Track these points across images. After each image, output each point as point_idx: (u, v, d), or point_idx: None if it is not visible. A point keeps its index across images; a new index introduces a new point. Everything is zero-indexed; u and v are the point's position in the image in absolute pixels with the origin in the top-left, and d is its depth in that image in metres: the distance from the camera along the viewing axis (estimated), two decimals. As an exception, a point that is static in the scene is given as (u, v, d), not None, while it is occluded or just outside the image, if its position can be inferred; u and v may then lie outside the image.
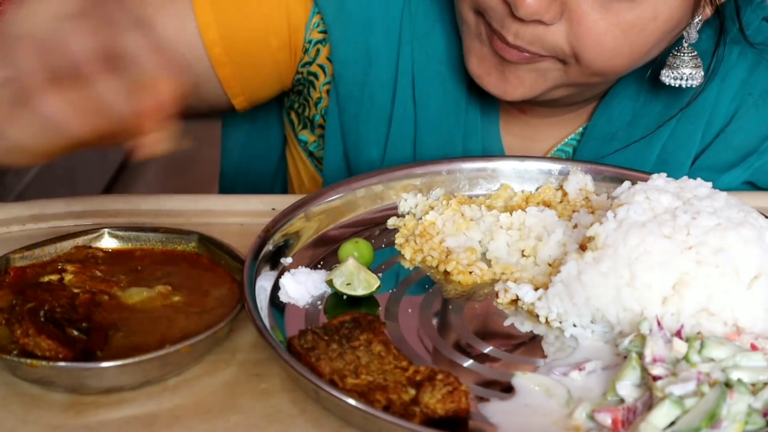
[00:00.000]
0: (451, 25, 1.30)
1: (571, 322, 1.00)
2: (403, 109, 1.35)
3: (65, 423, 0.89)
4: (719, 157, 1.36)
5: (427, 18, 1.31)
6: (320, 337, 0.93)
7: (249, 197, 1.25)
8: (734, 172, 1.36)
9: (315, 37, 1.32)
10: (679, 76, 1.25)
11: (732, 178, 1.36)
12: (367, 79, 1.33)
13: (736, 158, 1.36)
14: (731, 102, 1.34)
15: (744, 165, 1.36)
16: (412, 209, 1.20)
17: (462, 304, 1.05)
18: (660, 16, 1.14)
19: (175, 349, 0.90)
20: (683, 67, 1.24)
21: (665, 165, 1.35)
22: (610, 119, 1.35)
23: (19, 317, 0.91)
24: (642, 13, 1.13)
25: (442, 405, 0.86)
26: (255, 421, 0.89)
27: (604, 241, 0.98)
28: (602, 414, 0.87)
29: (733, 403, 0.84)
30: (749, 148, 1.35)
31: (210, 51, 1.26)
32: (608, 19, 1.12)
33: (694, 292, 0.95)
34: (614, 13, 1.12)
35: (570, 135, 1.38)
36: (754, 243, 0.97)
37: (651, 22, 1.14)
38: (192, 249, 1.07)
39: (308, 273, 1.06)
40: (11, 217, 1.20)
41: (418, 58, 1.32)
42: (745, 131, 1.35)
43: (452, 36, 1.31)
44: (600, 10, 1.12)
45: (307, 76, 1.36)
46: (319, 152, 1.44)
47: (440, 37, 1.31)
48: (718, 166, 1.36)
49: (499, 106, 1.37)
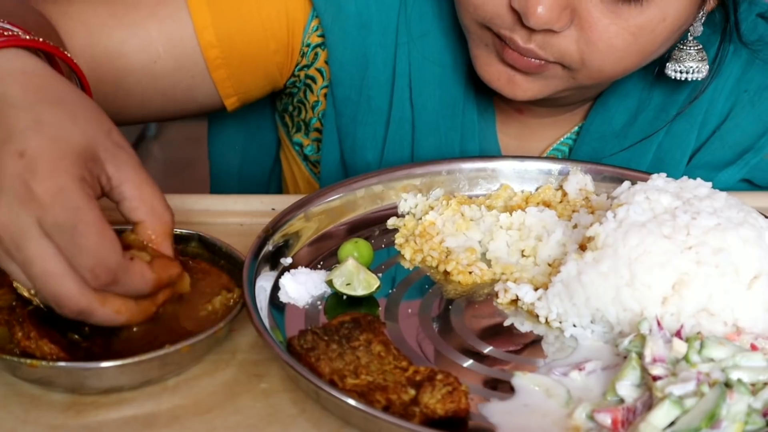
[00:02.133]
0: (448, 28, 1.30)
1: (571, 322, 1.00)
2: (401, 112, 1.35)
3: (65, 423, 0.89)
4: (715, 154, 1.36)
5: (423, 20, 1.31)
6: (320, 338, 0.93)
7: (249, 197, 1.25)
8: (731, 169, 1.36)
9: (314, 41, 1.32)
10: (685, 69, 1.25)
11: (729, 176, 1.36)
12: (364, 82, 1.33)
13: (732, 156, 1.36)
14: (726, 99, 1.34)
15: (740, 162, 1.36)
16: (412, 209, 1.20)
17: (462, 304, 1.05)
18: (669, 17, 1.14)
19: (175, 349, 0.90)
20: (689, 60, 1.24)
21: (661, 163, 1.35)
22: (606, 118, 1.35)
23: (19, 319, 0.91)
24: (651, 15, 1.13)
25: (442, 405, 0.86)
26: (255, 421, 0.89)
27: (604, 241, 0.98)
28: (602, 414, 0.87)
29: (733, 403, 0.84)
30: (745, 146, 1.35)
31: (206, 53, 1.26)
32: (618, 23, 1.12)
33: (693, 292, 0.95)
34: (624, 18, 1.12)
35: (565, 134, 1.38)
36: (754, 243, 0.97)
37: (660, 23, 1.14)
38: (191, 249, 1.07)
39: (308, 273, 1.06)
40: (11, 218, 1.19)
41: (415, 60, 1.32)
42: (741, 128, 1.35)
43: (449, 38, 1.31)
44: (610, 15, 1.12)
45: (304, 79, 1.36)
46: (315, 156, 1.44)
47: (437, 39, 1.31)
48: (714, 164, 1.36)
49: (495, 106, 1.37)
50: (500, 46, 1.17)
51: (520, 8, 1.11)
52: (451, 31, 1.30)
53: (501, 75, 1.19)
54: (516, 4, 1.11)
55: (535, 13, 1.09)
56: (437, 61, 1.32)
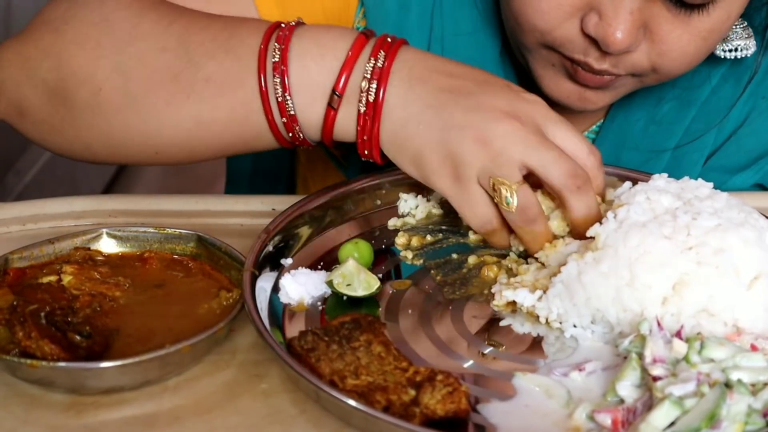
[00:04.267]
0: (482, 32, 1.29)
1: (571, 323, 1.00)
2: None
3: (65, 423, 0.89)
4: (731, 158, 1.36)
5: (456, 22, 1.30)
6: (320, 338, 0.93)
7: (249, 197, 1.25)
8: (745, 174, 1.36)
9: (362, 24, 1.31)
10: (734, 47, 1.24)
11: (743, 180, 1.36)
12: None
13: (747, 160, 1.36)
14: (744, 104, 1.33)
15: (755, 167, 1.36)
16: (412, 209, 1.20)
17: (462, 304, 1.05)
18: (733, 14, 1.14)
19: (175, 349, 0.90)
20: (736, 39, 1.24)
21: (679, 164, 1.34)
22: (627, 117, 1.34)
23: (21, 319, 0.91)
24: (718, 17, 1.12)
25: (442, 406, 0.86)
26: (255, 421, 0.89)
27: (605, 242, 0.98)
28: (602, 414, 0.87)
29: (733, 404, 0.84)
30: (760, 152, 1.35)
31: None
32: (689, 31, 1.12)
33: (694, 293, 0.95)
34: (693, 25, 1.12)
35: (584, 132, 1.37)
36: (755, 244, 0.97)
37: (726, 22, 1.14)
38: (191, 249, 1.07)
39: (308, 274, 1.06)
40: (11, 217, 1.20)
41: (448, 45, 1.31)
42: (756, 135, 1.35)
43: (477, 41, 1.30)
44: (681, 25, 1.11)
45: None
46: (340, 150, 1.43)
47: (465, 40, 1.30)
48: (729, 168, 1.36)
49: None
50: (571, 68, 1.16)
51: (598, 35, 1.09)
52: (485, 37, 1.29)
53: (572, 93, 1.19)
54: (592, 30, 1.10)
55: (615, 40, 1.08)
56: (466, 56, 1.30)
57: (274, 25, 1.09)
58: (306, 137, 1.10)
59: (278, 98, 1.07)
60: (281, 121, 1.08)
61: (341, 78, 1.05)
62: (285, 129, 1.09)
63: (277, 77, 1.06)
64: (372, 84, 1.05)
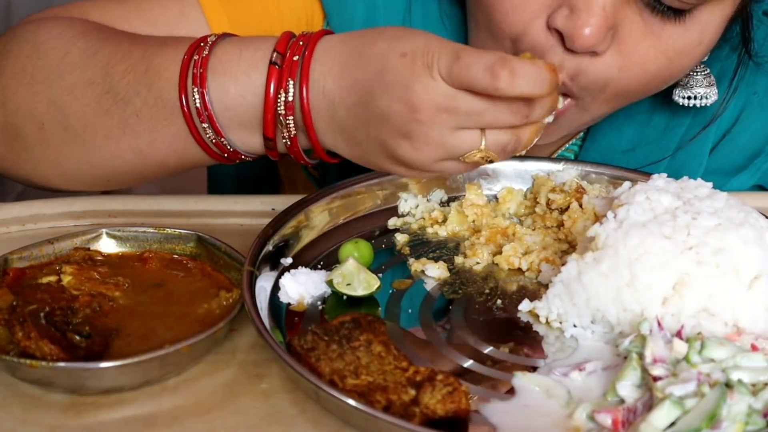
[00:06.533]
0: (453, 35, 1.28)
1: (572, 323, 1.00)
2: None
3: (65, 424, 0.89)
4: (726, 159, 1.34)
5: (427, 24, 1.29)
6: (320, 338, 0.93)
7: (249, 197, 1.25)
8: (743, 175, 1.34)
9: None
10: (693, 95, 1.22)
11: (741, 182, 1.35)
12: None
13: (743, 160, 1.34)
14: (736, 102, 1.32)
15: (752, 168, 1.34)
16: (412, 209, 1.20)
17: (462, 304, 1.05)
18: (704, 40, 1.11)
19: (175, 349, 0.90)
20: (697, 86, 1.22)
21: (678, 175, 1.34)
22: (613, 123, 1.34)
23: (20, 319, 0.91)
24: (690, 38, 1.09)
25: (442, 405, 0.86)
26: (255, 421, 0.89)
27: (605, 242, 0.98)
28: (602, 414, 0.87)
29: (734, 404, 0.84)
30: (755, 149, 1.34)
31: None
32: (657, 46, 1.08)
33: (694, 293, 0.95)
34: (664, 40, 1.08)
35: (571, 140, 1.37)
36: (755, 243, 0.97)
37: (696, 47, 1.11)
38: (191, 249, 1.07)
39: (308, 273, 1.06)
40: (11, 217, 1.20)
41: None
42: (750, 131, 1.33)
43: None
44: (651, 36, 1.08)
45: None
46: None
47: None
48: (726, 170, 1.34)
49: None
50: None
51: (566, 29, 1.05)
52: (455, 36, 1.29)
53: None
54: (560, 24, 1.05)
55: (582, 35, 1.03)
56: None
57: (189, 55, 1.05)
58: (254, 157, 1.09)
59: (212, 140, 1.06)
60: (223, 156, 1.08)
61: (267, 116, 1.02)
62: (230, 158, 1.09)
63: (205, 123, 1.04)
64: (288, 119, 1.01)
